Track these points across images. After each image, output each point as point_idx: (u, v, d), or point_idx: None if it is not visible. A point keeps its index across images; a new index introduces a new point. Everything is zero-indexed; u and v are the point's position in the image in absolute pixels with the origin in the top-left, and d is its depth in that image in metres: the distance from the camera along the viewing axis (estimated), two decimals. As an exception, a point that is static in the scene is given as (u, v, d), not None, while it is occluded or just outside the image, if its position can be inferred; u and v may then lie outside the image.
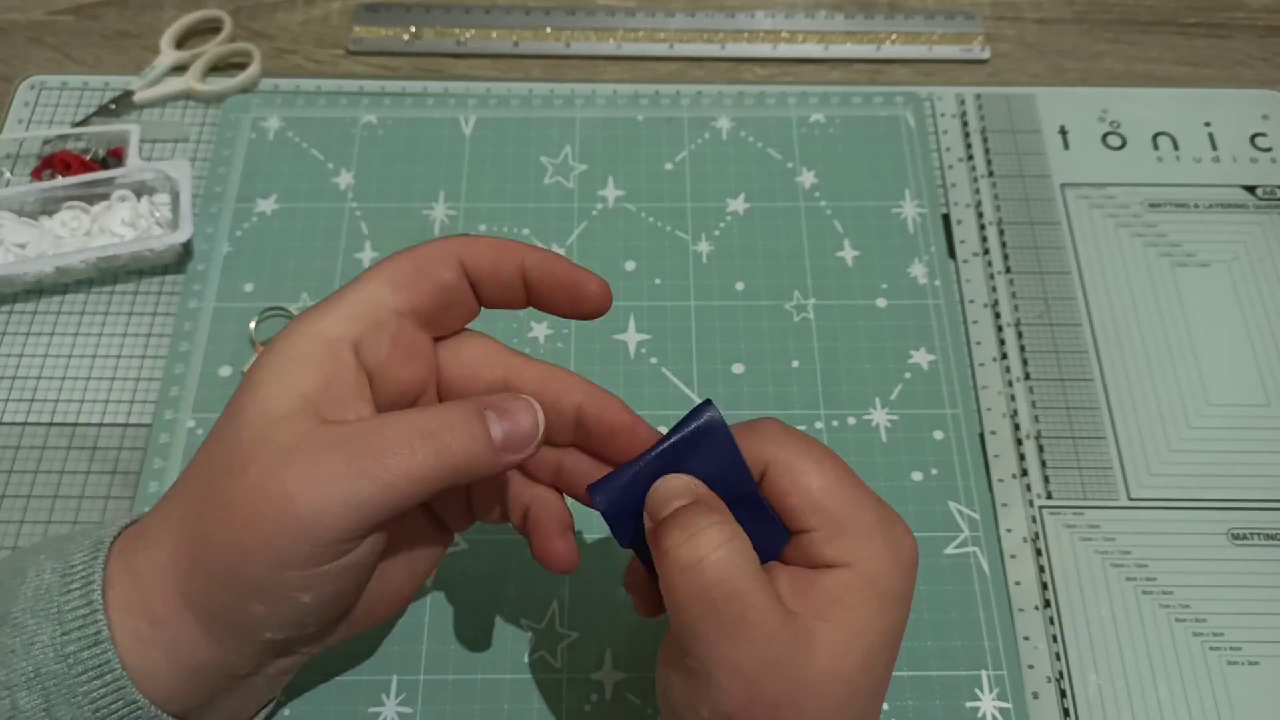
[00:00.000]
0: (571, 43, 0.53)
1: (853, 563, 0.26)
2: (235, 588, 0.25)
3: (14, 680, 0.25)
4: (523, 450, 0.27)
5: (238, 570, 0.25)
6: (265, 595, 0.25)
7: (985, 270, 0.46)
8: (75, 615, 0.25)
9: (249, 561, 0.24)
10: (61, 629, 0.25)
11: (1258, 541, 0.40)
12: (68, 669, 0.25)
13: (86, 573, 0.26)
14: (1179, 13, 0.55)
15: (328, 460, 0.24)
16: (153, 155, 0.48)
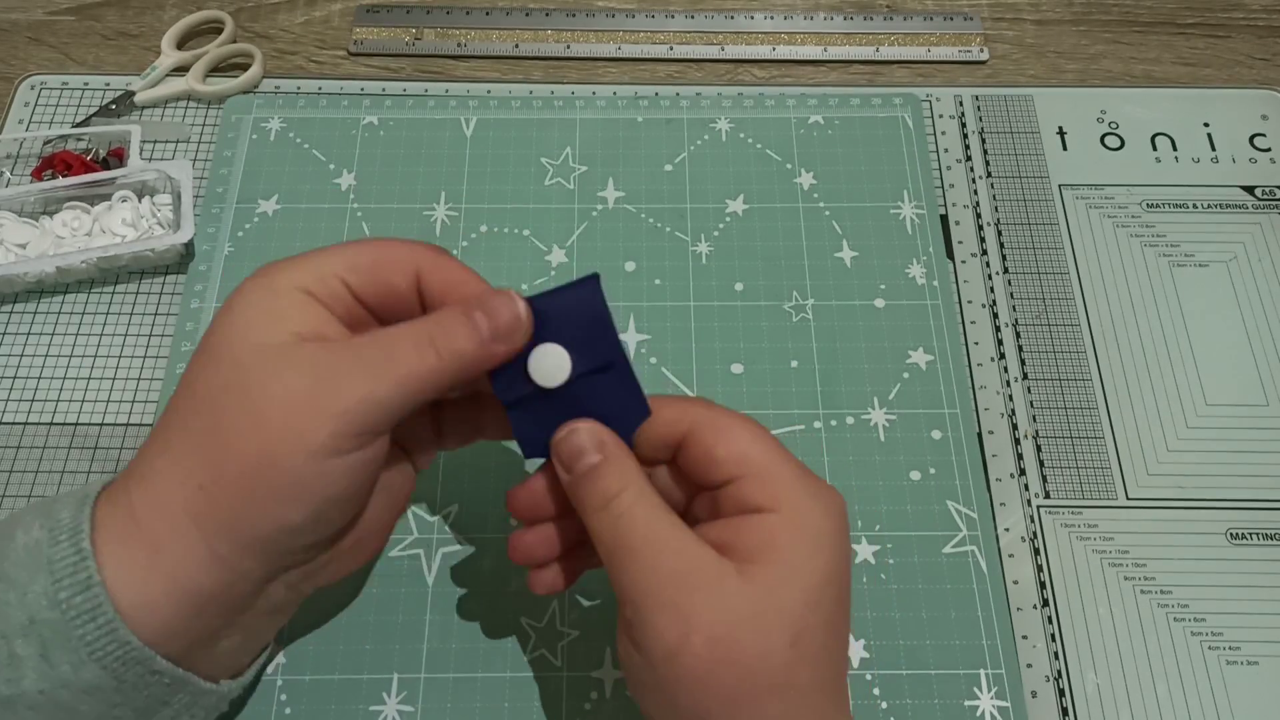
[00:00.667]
0: (572, 45, 0.53)
1: (779, 507, 0.28)
2: (261, 491, 0.26)
3: (9, 630, 0.26)
4: (510, 339, 0.28)
5: (263, 473, 0.26)
6: (289, 493, 0.26)
7: (983, 271, 0.46)
8: (65, 564, 0.26)
9: (276, 461, 0.26)
10: (53, 578, 0.26)
11: (1256, 541, 0.40)
12: (61, 615, 0.26)
13: (74, 524, 0.27)
14: (1177, 13, 0.55)
15: (344, 365, 0.27)
16: (154, 156, 0.49)
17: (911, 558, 0.39)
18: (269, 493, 0.26)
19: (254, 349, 0.27)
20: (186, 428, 0.27)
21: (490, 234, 0.46)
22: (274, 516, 0.27)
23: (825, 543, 0.28)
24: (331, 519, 0.28)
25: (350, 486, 0.28)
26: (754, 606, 0.26)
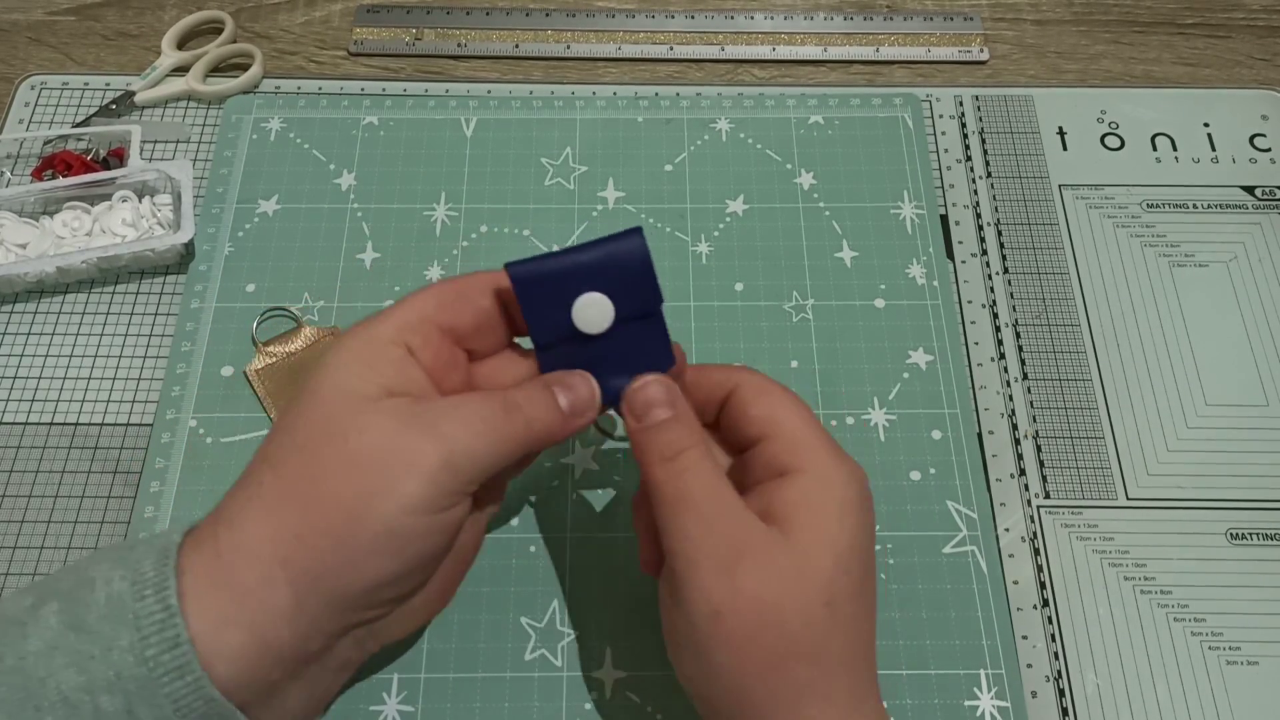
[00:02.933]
0: (572, 45, 0.53)
1: (808, 469, 0.29)
2: (355, 542, 0.26)
3: (94, 685, 0.25)
4: (585, 415, 0.30)
5: (359, 523, 0.26)
6: (383, 545, 0.27)
7: (983, 271, 0.46)
8: (153, 620, 0.26)
9: (372, 511, 0.26)
10: (140, 634, 0.26)
11: (1256, 541, 0.40)
12: (148, 672, 0.25)
13: (159, 579, 0.26)
14: (1177, 13, 0.55)
15: (438, 419, 0.28)
16: (154, 156, 0.49)
17: (911, 558, 0.39)
18: (362, 545, 0.27)
19: (346, 397, 0.27)
20: (280, 474, 0.27)
21: (490, 234, 0.46)
22: (365, 569, 0.27)
23: (851, 508, 0.29)
24: (415, 575, 0.29)
25: (440, 542, 0.28)
26: (795, 571, 0.28)
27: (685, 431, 0.29)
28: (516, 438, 0.29)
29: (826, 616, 0.28)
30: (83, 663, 0.25)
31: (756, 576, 0.27)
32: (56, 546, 0.39)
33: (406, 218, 0.47)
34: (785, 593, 0.27)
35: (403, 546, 0.27)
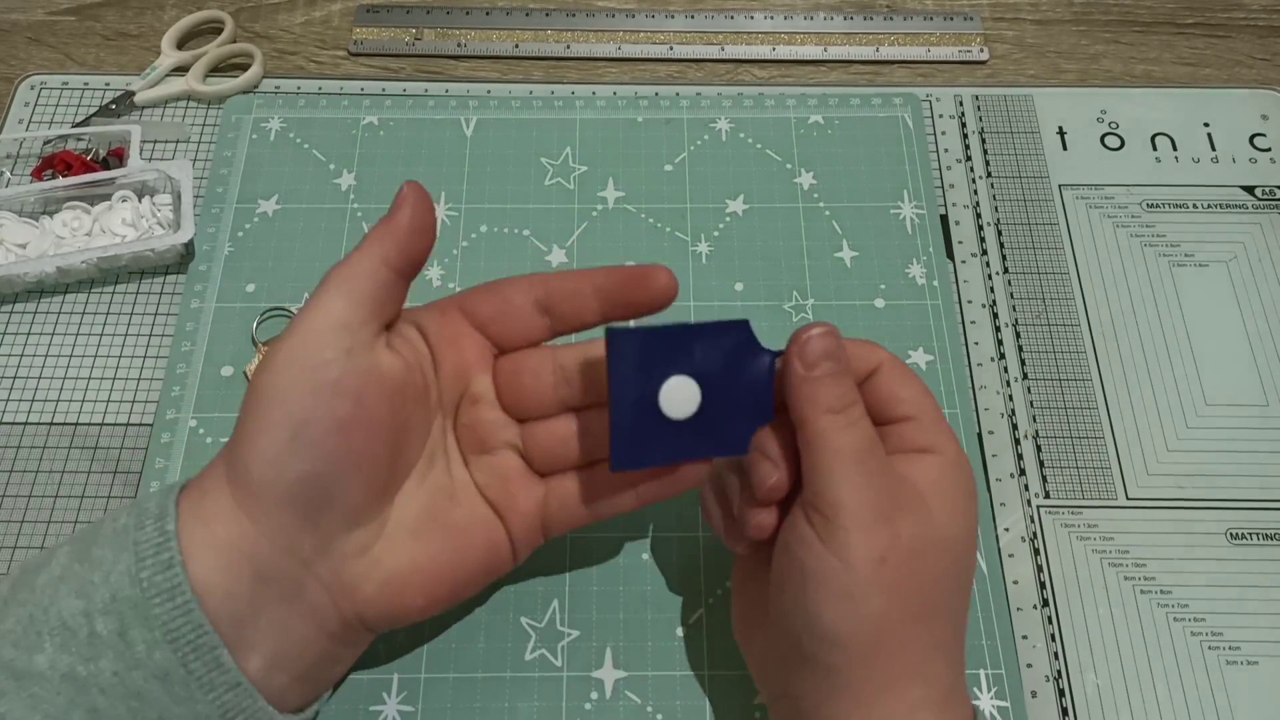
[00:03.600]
0: (572, 45, 0.53)
1: (942, 450, 0.31)
2: (253, 426, 0.28)
3: (92, 608, 0.27)
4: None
5: (256, 406, 0.28)
6: (273, 415, 0.28)
7: (983, 271, 0.46)
8: (150, 545, 0.27)
9: (269, 388, 0.28)
10: (137, 558, 0.27)
11: (1256, 541, 0.40)
12: (141, 593, 0.27)
13: (159, 510, 0.28)
14: (1177, 13, 0.55)
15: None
16: (154, 156, 0.49)
17: (911, 558, 0.39)
18: (258, 424, 0.28)
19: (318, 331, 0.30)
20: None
21: (490, 234, 0.46)
22: (262, 445, 0.28)
23: (973, 497, 0.31)
24: (325, 446, 0.28)
25: (324, 398, 0.28)
26: (938, 534, 0.29)
27: (851, 386, 0.30)
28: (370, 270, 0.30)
29: (962, 585, 0.30)
30: (84, 588, 0.27)
31: (913, 530, 0.29)
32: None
33: (406, 218, 0.47)
34: (935, 552, 0.29)
35: (288, 409, 0.28)
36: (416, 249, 0.31)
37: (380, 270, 0.30)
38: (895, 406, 0.31)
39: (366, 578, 0.30)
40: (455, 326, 0.33)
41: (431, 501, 0.32)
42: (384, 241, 0.30)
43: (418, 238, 0.30)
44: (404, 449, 0.31)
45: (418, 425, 0.32)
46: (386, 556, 0.30)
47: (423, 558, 0.31)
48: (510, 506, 0.33)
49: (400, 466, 0.31)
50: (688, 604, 0.38)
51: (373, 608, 0.31)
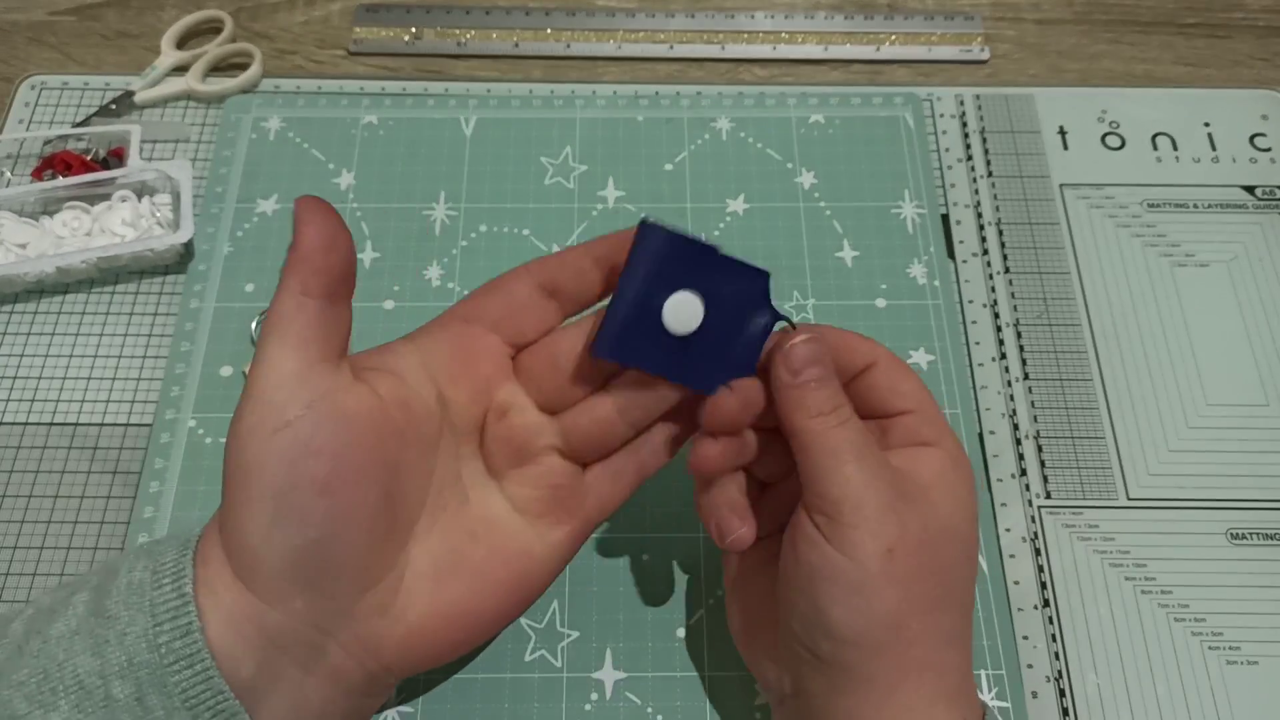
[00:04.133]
0: (572, 44, 0.53)
1: (939, 443, 0.31)
2: (238, 497, 0.27)
3: (108, 670, 0.26)
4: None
5: (238, 476, 0.27)
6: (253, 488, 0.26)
7: (984, 270, 0.46)
8: (167, 607, 0.26)
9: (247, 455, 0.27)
10: (154, 620, 0.26)
11: (1256, 541, 0.40)
12: (159, 659, 0.26)
13: (177, 568, 0.27)
14: (1178, 13, 0.55)
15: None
16: (153, 155, 0.49)
17: (912, 558, 0.39)
18: (238, 500, 0.27)
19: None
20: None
21: (490, 234, 0.46)
22: (247, 524, 0.27)
23: (972, 486, 0.31)
24: (312, 512, 0.27)
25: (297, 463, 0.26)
26: (944, 524, 0.29)
27: (837, 389, 0.30)
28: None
29: (968, 575, 0.30)
30: (99, 647, 0.26)
31: (918, 521, 0.28)
32: (56, 546, 0.39)
33: (406, 217, 0.47)
34: (942, 541, 0.29)
35: (262, 478, 0.26)
36: (331, 267, 0.27)
37: (305, 303, 0.27)
38: (894, 400, 0.31)
39: (389, 634, 0.29)
40: (460, 340, 0.31)
41: (448, 542, 0.30)
42: (295, 272, 0.27)
43: (327, 255, 0.27)
44: (401, 492, 0.29)
45: (413, 462, 0.29)
46: (408, 609, 0.29)
47: (445, 603, 0.29)
48: (562, 510, 0.31)
49: (402, 512, 0.29)
50: (688, 605, 0.38)
51: (399, 661, 0.29)
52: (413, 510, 0.30)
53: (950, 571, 0.29)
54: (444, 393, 0.31)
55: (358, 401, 0.28)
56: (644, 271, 0.30)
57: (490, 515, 0.31)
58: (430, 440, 0.30)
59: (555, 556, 0.32)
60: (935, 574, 0.29)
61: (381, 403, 0.28)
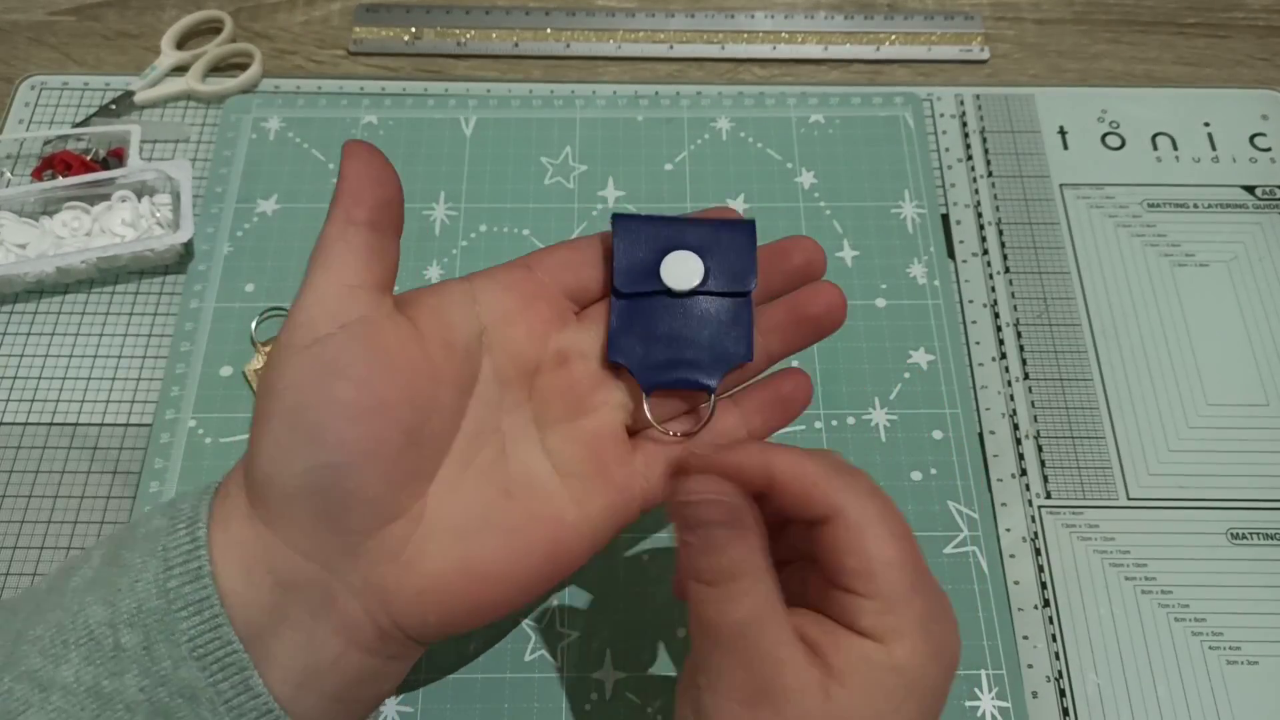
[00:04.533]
0: (571, 43, 0.53)
1: (890, 642, 0.25)
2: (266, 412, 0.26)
3: (118, 618, 0.25)
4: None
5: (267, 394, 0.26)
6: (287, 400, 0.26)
7: (984, 270, 0.46)
8: (179, 552, 0.26)
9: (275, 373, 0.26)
10: (165, 565, 0.25)
11: (1257, 541, 0.40)
12: (168, 604, 0.25)
13: (193, 513, 0.27)
14: (1178, 13, 0.55)
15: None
16: (153, 155, 0.49)
17: (912, 558, 0.39)
18: (260, 420, 0.26)
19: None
20: None
21: (490, 234, 0.46)
22: (264, 441, 0.26)
23: (916, 694, 0.25)
24: (328, 434, 0.25)
25: (320, 381, 0.26)
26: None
27: (742, 555, 0.25)
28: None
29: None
30: (111, 595, 0.25)
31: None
32: (56, 546, 0.39)
33: (405, 217, 0.46)
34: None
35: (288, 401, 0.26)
36: (378, 196, 0.28)
37: (348, 231, 0.27)
38: (839, 575, 0.25)
39: (402, 584, 0.27)
40: (519, 282, 0.30)
41: (480, 496, 0.28)
42: (340, 201, 0.27)
43: (375, 186, 0.28)
44: (427, 433, 0.28)
45: (445, 404, 0.28)
46: (424, 559, 0.27)
47: (469, 561, 0.27)
48: (605, 479, 0.29)
49: (427, 453, 0.28)
50: (688, 605, 0.38)
51: (412, 617, 0.27)
52: (438, 455, 0.28)
53: None
54: (494, 333, 0.30)
55: (394, 332, 0.27)
56: (630, 260, 0.30)
57: (528, 472, 0.29)
58: (466, 383, 0.29)
59: (591, 529, 0.29)
60: None
61: (419, 337, 0.28)
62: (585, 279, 0.31)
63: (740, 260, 0.31)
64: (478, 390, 0.29)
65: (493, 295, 0.30)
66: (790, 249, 0.32)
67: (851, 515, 0.26)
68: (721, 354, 0.30)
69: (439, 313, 0.29)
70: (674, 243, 0.31)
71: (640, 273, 0.30)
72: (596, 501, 0.29)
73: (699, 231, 0.31)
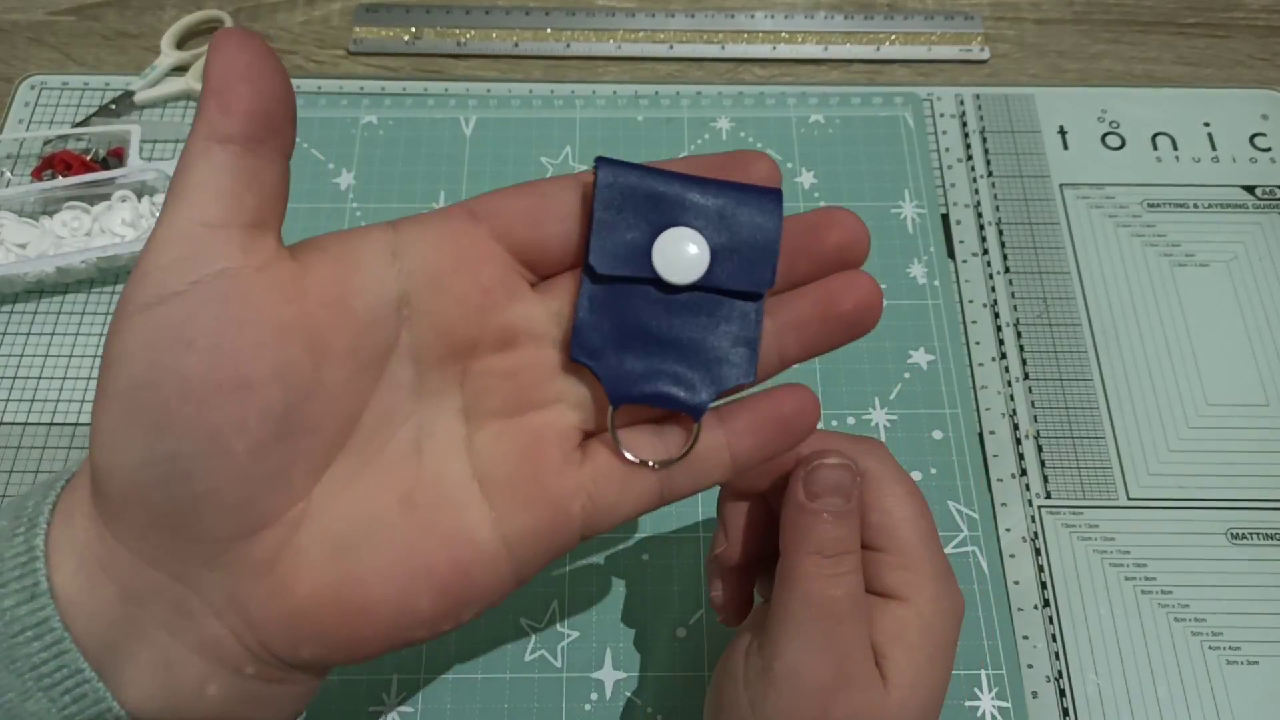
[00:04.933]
0: (571, 43, 0.53)
1: (911, 599, 0.26)
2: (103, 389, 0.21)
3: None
4: None
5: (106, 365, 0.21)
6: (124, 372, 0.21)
7: (984, 270, 0.46)
8: (14, 564, 0.21)
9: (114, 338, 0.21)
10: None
11: (1257, 541, 0.40)
12: (4, 627, 0.21)
13: (34, 513, 0.22)
14: (1178, 13, 0.55)
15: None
16: (153, 155, 0.48)
17: (912, 558, 0.39)
18: (99, 397, 0.21)
19: None
20: None
21: (490, 234, 0.46)
22: (100, 424, 0.21)
23: (943, 650, 0.26)
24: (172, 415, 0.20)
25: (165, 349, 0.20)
26: (888, 712, 0.25)
27: (853, 531, 0.26)
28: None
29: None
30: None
31: (849, 713, 0.25)
32: (56, 547, 0.39)
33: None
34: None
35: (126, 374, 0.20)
36: (254, 101, 0.21)
37: (212, 150, 0.21)
38: (867, 530, 0.27)
39: (270, 604, 0.22)
40: (459, 235, 0.23)
41: (370, 503, 0.23)
42: (204, 111, 0.21)
43: (249, 86, 0.21)
44: (308, 419, 0.22)
45: (336, 382, 0.22)
46: (299, 578, 0.22)
47: (345, 584, 0.22)
48: (536, 489, 0.23)
49: (307, 447, 0.22)
50: (687, 605, 0.38)
51: (282, 645, 0.22)
52: (324, 448, 0.22)
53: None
54: (419, 298, 0.23)
55: (265, 288, 0.21)
56: (614, 231, 0.23)
57: (439, 476, 0.23)
58: (371, 357, 0.22)
59: (509, 555, 0.23)
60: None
61: (301, 295, 0.21)
62: (549, 237, 0.23)
63: (758, 250, 0.24)
64: (389, 369, 0.23)
65: (421, 250, 0.23)
66: (824, 225, 0.25)
67: (873, 474, 0.27)
68: (716, 370, 0.24)
69: (343, 266, 0.22)
70: (674, 213, 0.23)
71: (625, 251, 0.23)
72: (520, 519, 0.23)
73: (708, 198, 0.24)
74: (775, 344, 0.25)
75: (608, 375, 0.23)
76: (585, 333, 0.23)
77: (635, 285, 0.24)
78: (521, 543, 0.23)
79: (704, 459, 0.24)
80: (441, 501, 0.23)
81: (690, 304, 0.24)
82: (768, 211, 0.24)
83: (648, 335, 0.24)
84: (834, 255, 0.25)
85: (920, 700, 0.26)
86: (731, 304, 0.24)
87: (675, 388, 0.24)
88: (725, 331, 0.24)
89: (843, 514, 0.26)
